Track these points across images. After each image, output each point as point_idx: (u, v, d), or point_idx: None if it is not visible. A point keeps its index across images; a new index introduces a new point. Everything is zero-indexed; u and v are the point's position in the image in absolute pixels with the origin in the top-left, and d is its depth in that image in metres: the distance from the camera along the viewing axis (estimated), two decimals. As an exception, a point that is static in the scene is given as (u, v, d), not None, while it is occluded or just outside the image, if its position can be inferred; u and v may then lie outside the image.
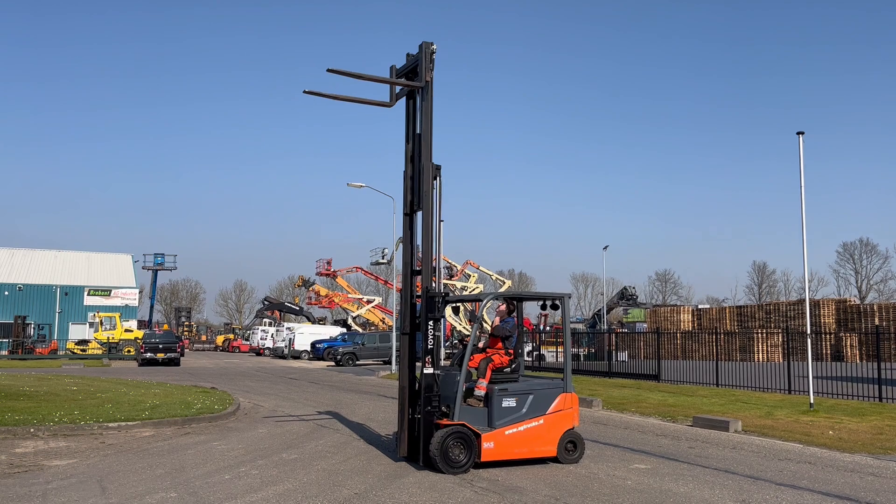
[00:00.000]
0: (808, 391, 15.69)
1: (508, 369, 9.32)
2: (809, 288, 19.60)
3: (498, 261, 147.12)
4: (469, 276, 57.12)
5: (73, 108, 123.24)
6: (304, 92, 8.65)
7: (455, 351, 10.22)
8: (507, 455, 8.77)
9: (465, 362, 8.76)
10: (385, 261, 56.75)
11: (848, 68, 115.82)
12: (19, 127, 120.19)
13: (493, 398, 8.80)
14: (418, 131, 9.55)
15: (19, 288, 52.91)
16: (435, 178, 9.22)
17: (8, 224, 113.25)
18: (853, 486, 8.04)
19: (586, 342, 36.26)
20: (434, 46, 9.29)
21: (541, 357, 33.40)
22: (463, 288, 54.38)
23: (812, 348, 16.07)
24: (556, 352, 36.11)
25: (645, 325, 54.00)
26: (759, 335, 39.01)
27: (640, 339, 32.89)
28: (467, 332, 50.17)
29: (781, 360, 30.69)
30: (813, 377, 15.79)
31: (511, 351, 9.53)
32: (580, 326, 56.34)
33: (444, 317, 9.38)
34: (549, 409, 9.11)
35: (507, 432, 8.76)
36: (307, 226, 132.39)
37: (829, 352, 36.72)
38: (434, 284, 9.06)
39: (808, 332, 16.40)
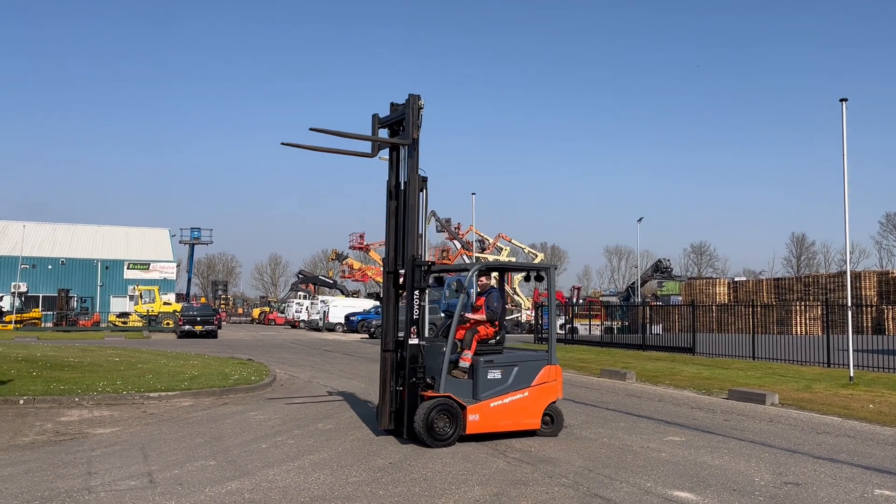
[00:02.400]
0: (848, 364, 15.42)
1: (493, 341, 9.14)
2: (851, 259, 19.18)
3: (531, 234, 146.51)
4: (501, 249, 56.98)
5: (114, 86, 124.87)
6: (282, 144, 7.97)
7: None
8: (492, 427, 8.65)
9: (451, 333, 8.57)
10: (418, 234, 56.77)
11: (893, 35, 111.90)
12: (62, 105, 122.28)
13: (478, 370, 8.62)
14: (402, 179, 9.03)
15: (62, 262, 54.19)
16: (421, 190, 8.88)
17: (49, 199, 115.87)
18: (893, 460, 7.91)
19: (620, 315, 36.05)
20: (422, 101, 8.68)
21: (574, 330, 33.31)
22: (495, 261, 54.28)
23: (852, 321, 15.76)
24: (590, 325, 35.99)
25: (680, 298, 53.43)
26: (798, 308, 38.38)
27: (674, 311, 32.58)
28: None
29: (821, 334, 30.21)
30: (853, 350, 15.51)
31: (496, 322, 9.30)
32: (613, 299, 55.97)
33: (428, 287, 9.13)
34: (534, 382, 8.99)
35: (492, 404, 8.63)
36: (340, 200, 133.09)
37: (870, 325, 36.02)
38: (421, 253, 8.80)
39: (849, 304, 16.07)
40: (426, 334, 8.90)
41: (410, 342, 8.45)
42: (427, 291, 9.23)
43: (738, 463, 7.62)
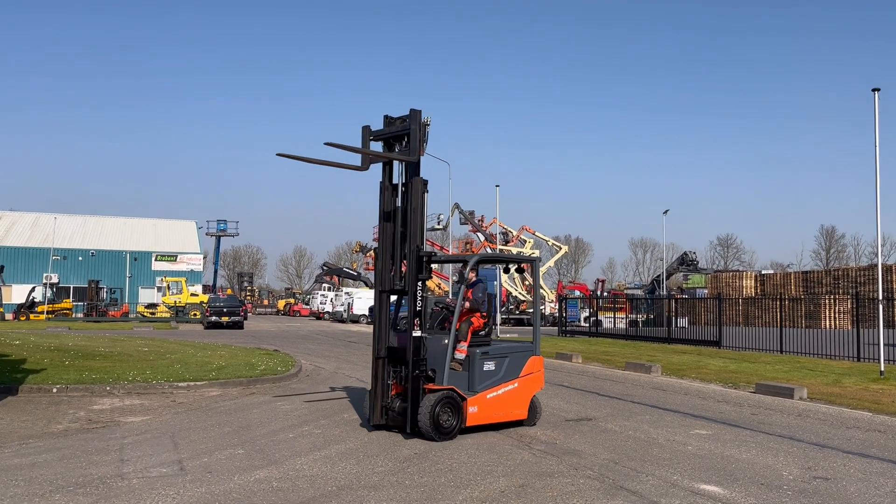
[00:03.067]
0: (879, 359, 15.20)
1: (483, 332, 9.10)
2: (882, 252, 18.86)
3: (555, 226, 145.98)
4: (525, 241, 56.79)
5: (140, 77, 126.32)
6: (277, 154, 7.68)
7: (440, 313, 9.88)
8: (488, 419, 8.66)
9: (454, 325, 8.49)
10: (440, 226, 56.77)
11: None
12: (91, 99, 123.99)
13: (475, 362, 8.58)
14: (398, 205, 8.71)
15: (92, 254, 55.04)
16: (423, 194, 8.63)
17: (79, 192, 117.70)
18: (926, 456, 7.80)
19: (645, 308, 35.82)
20: (429, 119, 8.51)
21: (598, 323, 33.17)
22: (519, 253, 54.16)
23: (883, 315, 15.51)
24: (614, 318, 35.80)
25: (705, 291, 52.89)
26: (827, 301, 37.82)
27: (700, 304, 32.29)
28: (523, 298, 50.08)
29: (850, 328, 29.75)
30: (884, 344, 15.27)
31: (485, 314, 9.26)
32: (638, 292, 55.58)
33: (430, 277, 9.01)
34: (521, 373, 9.03)
35: (488, 396, 8.64)
36: (363, 191, 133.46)
37: (901, 319, 35.33)
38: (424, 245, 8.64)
39: (880, 297, 15.82)
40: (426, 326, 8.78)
41: (414, 334, 8.20)
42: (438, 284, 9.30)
43: (765, 457, 7.56)
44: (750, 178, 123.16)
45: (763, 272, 57.63)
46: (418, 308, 8.27)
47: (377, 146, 9.02)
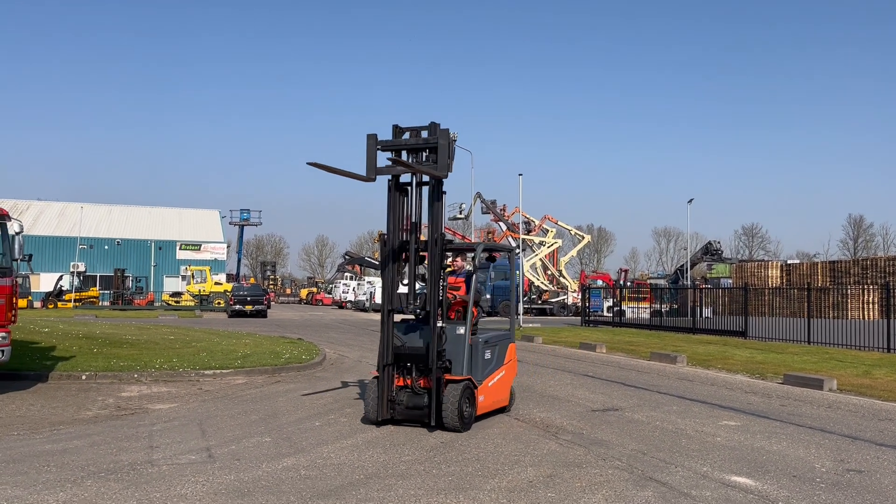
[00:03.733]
0: (910, 350, 14.91)
1: (476, 322, 8.97)
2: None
3: (578, 215, 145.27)
4: (547, 231, 56.51)
5: (167, 68, 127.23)
6: (307, 163, 7.43)
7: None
8: (490, 407, 8.72)
9: (468, 315, 8.36)
10: (462, 216, 56.66)
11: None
12: (117, 90, 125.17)
13: (478, 350, 8.46)
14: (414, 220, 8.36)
15: (118, 242, 55.73)
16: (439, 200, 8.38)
17: (105, 181, 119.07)
18: (962, 449, 7.64)
19: (668, 298, 35.50)
20: (455, 134, 8.12)
21: (621, 312, 32.97)
22: (541, 243, 53.93)
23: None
24: (637, 308, 35.55)
25: (730, 281, 52.31)
26: (855, 292, 37.25)
27: (724, 294, 31.93)
28: (545, 288, 49.88)
29: (879, 318, 29.26)
30: (916, 335, 14.98)
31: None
32: (662, 282, 55.13)
33: (445, 268, 8.79)
34: (505, 360, 9.10)
35: (489, 384, 8.66)
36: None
37: (931, 310, 34.69)
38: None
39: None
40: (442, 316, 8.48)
41: (438, 325, 8.00)
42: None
43: (796, 449, 7.45)
44: (776, 166, 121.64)
45: (789, 262, 56.89)
46: (441, 298, 8.17)
47: (382, 156, 8.53)
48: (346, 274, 66.67)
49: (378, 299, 46.25)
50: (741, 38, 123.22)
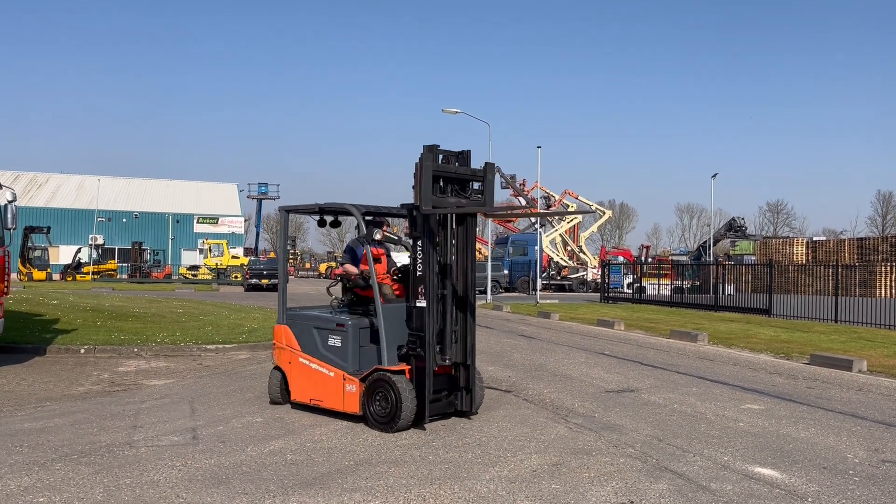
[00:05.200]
0: (945, 330, 14.18)
1: None
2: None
3: (599, 191, 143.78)
4: (567, 206, 55.62)
5: (184, 42, 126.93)
6: (372, 239, 7.52)
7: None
8: None
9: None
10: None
11: None
12: (135, 63, 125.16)
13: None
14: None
15: (136, 216, 55.80)
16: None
17: (123, 154, 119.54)
18: None
19: (690, 275, 34.72)
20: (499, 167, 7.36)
21: (642, 289, 32.28)
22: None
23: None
24: (658, 284, 34.81)
25: (753, 258, 51.23)
26: (883, 269, 36.20)
27: (748, 271, 31.10)
28: (565, 263, 49.20)
29: (908, 297, 28.30)
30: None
31: None
32: (684, 258, 54.16)
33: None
34: None
35: None
36: (404, 154, 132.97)
37: (963, 288, 33.60)
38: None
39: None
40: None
41: (419, 305, 6.91)
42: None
43: (826, 436, 6.88)
44: (802, 142, 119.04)
45: (815, 239, 55.61)
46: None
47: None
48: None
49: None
50: (768, 13, 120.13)
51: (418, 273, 6.92)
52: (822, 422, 7.54)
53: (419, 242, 6.94)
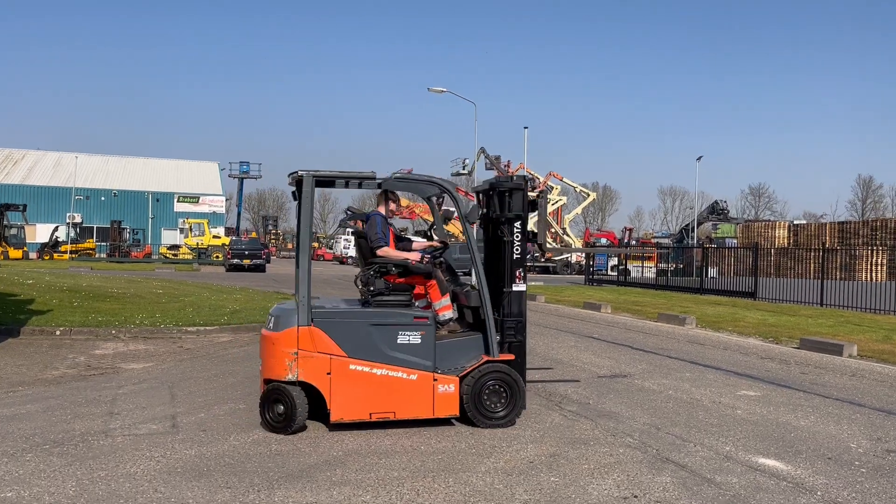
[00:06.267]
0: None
1: None
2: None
3: (583, 173, 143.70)
4: (552, 188, 55.43)
5: (164, 17, 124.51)
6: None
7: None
8: None
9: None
10: (466, 172, 55.51)
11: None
12: (113, 38, 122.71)
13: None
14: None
15: (114, 194, 54.83)
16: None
17: (101, 131, 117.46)
18: None
19: (673, 258, 34.72)
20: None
21: (626, 272, 32.23)
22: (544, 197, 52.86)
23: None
24: (642, 267, 34.76)
25: (735, 241, 51.41)
26: (864, 253, 36.42)
27: (730, 254, 31.09)
28: (549, 246, 49.09)
29: (887, 280, 28.48)
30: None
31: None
32: (666, 241, 54.27)
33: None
34: None
35: None
36: (387, 135, 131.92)
37: (943, 272, 33.87)
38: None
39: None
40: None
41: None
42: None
43: (826, 424, 6.71)
44: (784, 126, 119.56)
45: (796, 222, 55.90)
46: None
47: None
48: (347, 230, 65.80)
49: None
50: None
51: (515, 256, 6.67)
52: (820, 409, 7.38)
53: (516, 224, 6.70)
